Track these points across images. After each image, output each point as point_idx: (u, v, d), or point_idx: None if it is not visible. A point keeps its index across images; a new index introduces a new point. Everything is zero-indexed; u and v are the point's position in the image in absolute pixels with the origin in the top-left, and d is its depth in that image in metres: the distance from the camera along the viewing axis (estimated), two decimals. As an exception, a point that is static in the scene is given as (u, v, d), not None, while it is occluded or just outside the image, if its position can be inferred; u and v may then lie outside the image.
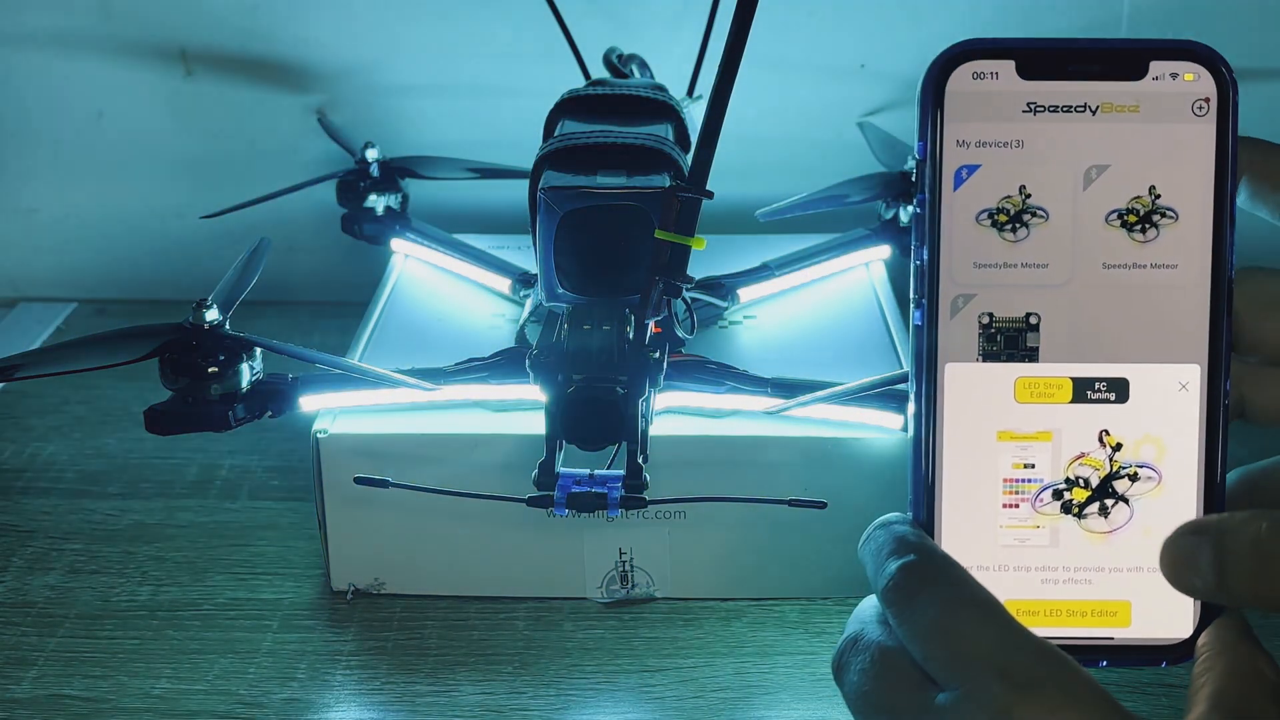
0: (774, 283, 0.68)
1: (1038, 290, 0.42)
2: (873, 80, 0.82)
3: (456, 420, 0.57)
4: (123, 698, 0.53)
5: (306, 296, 0.87)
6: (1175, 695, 0.41)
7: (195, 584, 0.60)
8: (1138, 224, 0.42)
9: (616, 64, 0.74)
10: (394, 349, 0.63)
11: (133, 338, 0.54)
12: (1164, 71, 0.41)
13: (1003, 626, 0.38)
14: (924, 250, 0.42)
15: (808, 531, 0.56)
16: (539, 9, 0.74)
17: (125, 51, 0.83)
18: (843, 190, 0.69)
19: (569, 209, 0.54)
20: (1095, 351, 0.42)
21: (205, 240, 0.83)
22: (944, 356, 0.42)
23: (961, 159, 0.42)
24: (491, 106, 0.82)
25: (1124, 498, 0.43)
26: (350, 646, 0.56)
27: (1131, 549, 0.43)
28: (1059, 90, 0.41)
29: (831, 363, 0.61)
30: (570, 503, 0.52)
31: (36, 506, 0.66)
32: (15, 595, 0.59)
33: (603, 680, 0.54)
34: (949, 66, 0.41)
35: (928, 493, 0.43)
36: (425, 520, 0.57)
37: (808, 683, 0.53)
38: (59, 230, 0.87)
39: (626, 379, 0.52)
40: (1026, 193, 0.42)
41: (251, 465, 0.68)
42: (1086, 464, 0.43)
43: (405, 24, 0.81)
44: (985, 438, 0.43)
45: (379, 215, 0.74)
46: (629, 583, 0.58)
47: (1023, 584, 0.43)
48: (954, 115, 0.41)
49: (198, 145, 0.85)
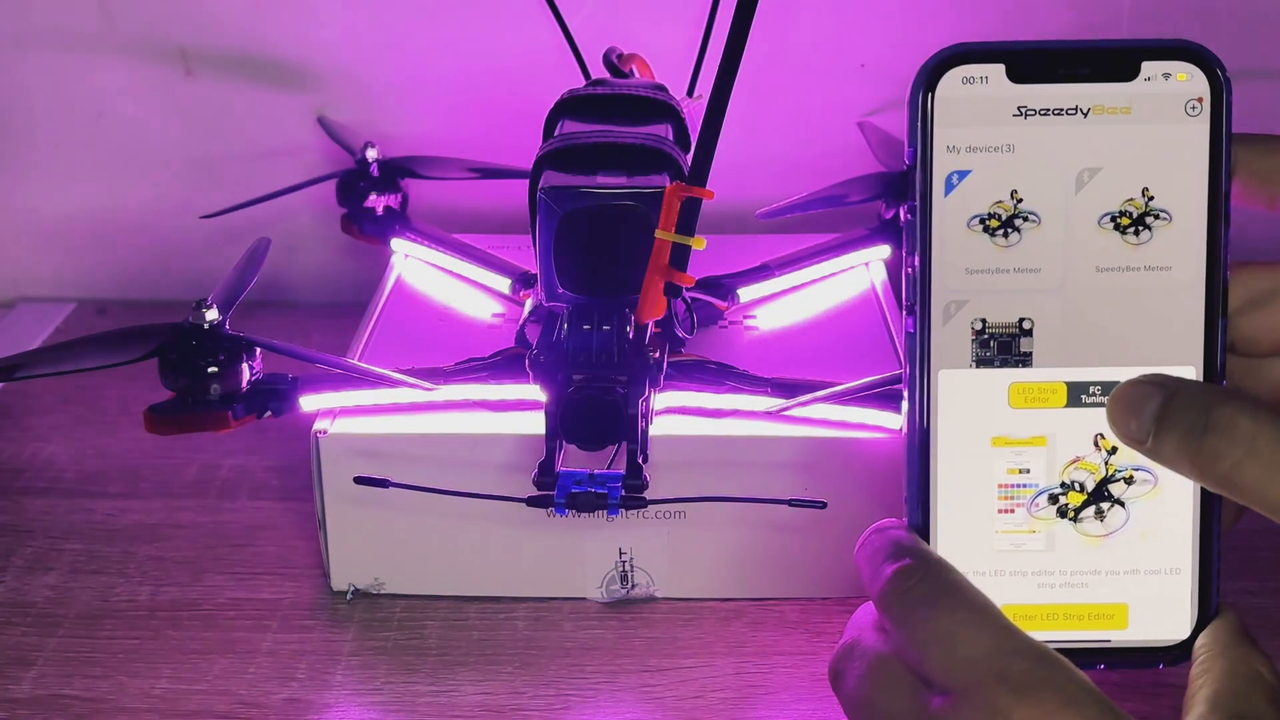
0: (774, 283, 0.68)
1: (1030, 295, 0.42)
2: (873, 80, 0.82)
3: (456, 420, 0.57)
4: (123, 698, 0.53)
5: (306, 296, 0.87)
6: (1174, 695, 0.41)
7: (195, 584, 0.60)
8: (1131, 226, 0.42)
9: (616, 64, 0.74)
10: (394, 349, 0.63)
11: (133, 338, 0.54)
12: (1156, 72, 0.41)
13: (999, 631, 0.38)
14: (915, 257, 0.42)
15: (808, 531, 0.56)
16: (539, 9, 0.74)
17: (125, 51, 0.83)
18: (843, 190, 0.69)
19: (569, 209, 0.54)
20: (1089, 355, 0.42)
21: (205, 240, 0.83)
22: (937, 363, 0.42)
23: (952, 164, 0.41)
24: (491, 106, 0.82)
25: (1120, 501, 0.43)
26: (350, 646, 0.56)
27: (1128, 552, 0.43)
28: (1049, 93, 0.41)
29: (831, 363, 0.61)
30: (570, 503, 0.52)
31: (36, 506, 0.66)
32: (15, 595, 0.59)
33: (603, 680, 0.54)
34: (938, 71, 0.41)
35: (923, 498, 0.43)
36: (425, 520, 0.57)
37: (808, 683, 0.53)
38: (59, 230, 0.87)
39: (626, 379, 0.52)
40: (1018, 197, 0.42)
41: (251, 465, 0.68)
42: (1082, 468, 0.43)
43: (405, 24, 0.81)
44: (980, 443, 0.43)
45: (379, 215, 0.74)
46: (629, 583, 0.58)
47: (1019, 588, 0.43)
48: (944, 120, 0.41)
49: (198, 145, 0.85)
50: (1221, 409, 0.38)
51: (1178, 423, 0.38)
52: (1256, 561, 0.58)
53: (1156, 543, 0.42)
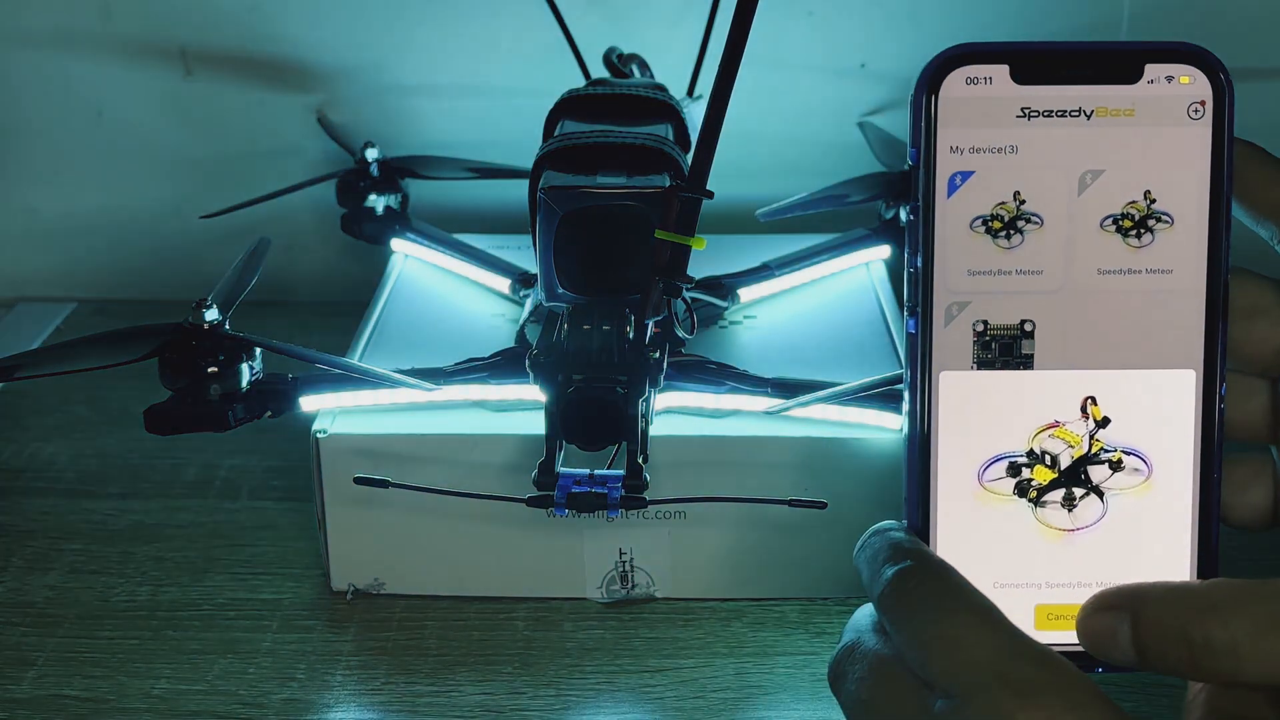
0: (774, 283, 0.68)
1: (1032, 297, 0.42)
2: (873, 80, 0.82)
3: (456, 420, 0.57)
4: (123, 698, 0.53)
5: (306, 296, 0.87)
6: (1175, 696, 0.41)
7: (195, 584, 0.60)
8: (1133, 229, 0.42)
9: (616, 64, 0.74)
10: (394, 349, 0.63)
11: (133, 338, 0.54)
12: (1159, 74, 0.41)
13: (1001, 632, 0.38)
14: (917, 258, 0.42)
15: (808, 531, 0.56)
16: (539, 9, 0.74)
17: (125, 51, 0.83)
18: (843, 190, 0.69)
19: (569, 209, 0.54)
20: (1091, 358, 0.42)
21: (205, 240, 0.83)
22: (939, 365, 0.42)
23: (955, 165, 0.41)
24: (491, 106, 0.82)
25: (1098, 490, 0.42)
26: (350, 646, 0.56)
27: (1133, 554, 0.43)
28: (1053, 95, 0.41)
29: (831, 363, 0.61)
30: (570, 503, 0.52)
31: (36, 506, 0.66)
32: (15, 595, 0.59)
33: (603, 681, 0.54)
34: (941, 72, 0.41)
35: (923, 500, 0.42)
36: (425, 520, 0.57)
37: (808, 683, 0.53)
38: (59, 230, 0.87)
39: (626, 379, 0.52)
40: (1021, 199, 0.42)
41: (251, 465, 0.68)
42: (1059, 436, 0.42)
43: (405, 24, 0.81)
44: (980, 445, 0.42)
45: (379, 215, 0.74)
46: (629, 583, 0.58)
47: (1020, 590, 0.43)
48: (947, 121, 0.41)
49: (198, 145, 0.85)
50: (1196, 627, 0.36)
51: (1162, 654, 0.37)
52: (1257, 561, 0.58)
53: (1163, 544, 0.42)
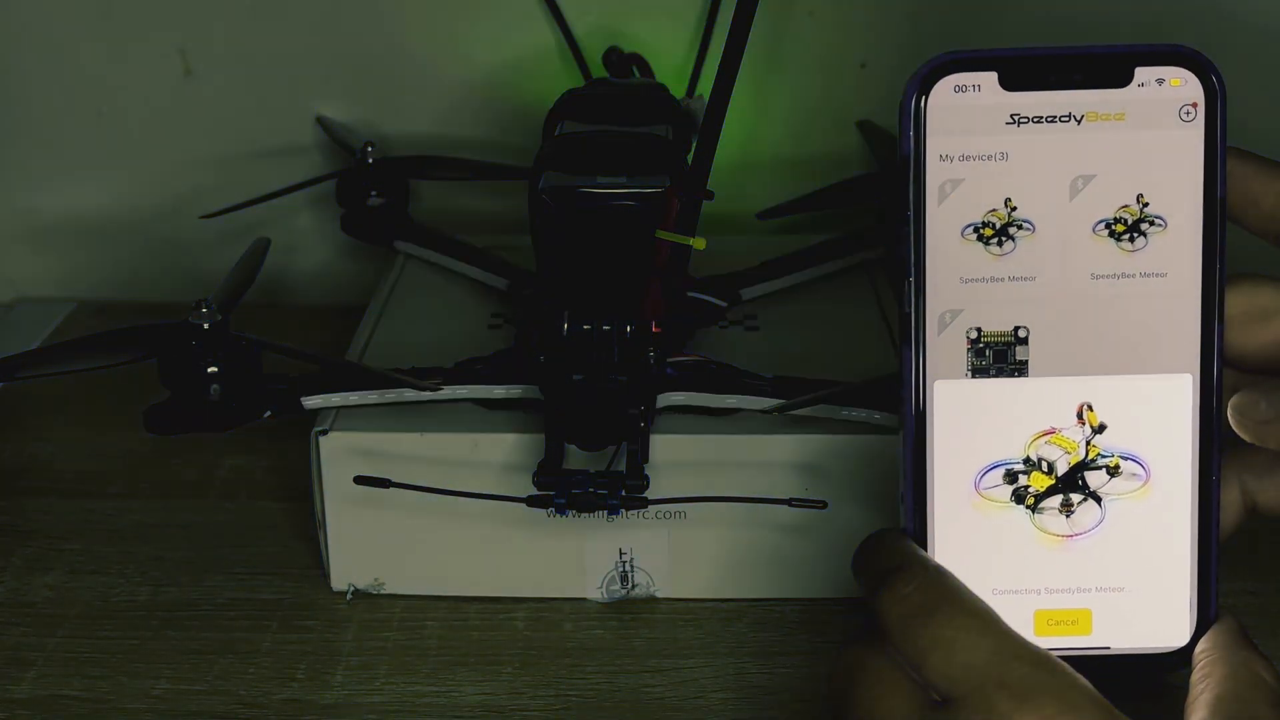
0: (774, 283, 0.68)
1: (1026, 303, 0.42)
2: (873, 80, 0.82)
3: (456, 420, 0.57)
4: (123, 698, 0.53)
5: (306, 296, 0.87)
6: (1175, 697, 0.41)
7: (195, 584, 0.60)
8: (1126, 233, 0.41)
9: (616, 64, 0.74)
10: (394, 349, 0.63)
11: (133, 338, 0.54)
12: (1150, 77, 0.41)
13: (999, 637, 0.38)
14: (910, 266, 0.42)
15: (808, 531, 0.56)
16: (539, 9, 0.74)
17: (125, 51, 0.83)
18: (843, 190, 0.69)
19: (569, 209, 0.54)
20: (1085, 363, 0.42)
21: (205, 240, 0.83)
22: (933, 373, 0.42)
23: (945, 174, 0.41)
24: (491, 106, 0.82)
25: (1095, 495, 0.42)
26: (350, 646, 0.56)
27: (1131, 559, 0.43)
28: (1043, 100, 0.41)
29: (831, 363, 0.61)
30: (570, 503, 0.52)
31: (36, 506, 0.66)
32: (15, 595, 0.59)
33: (603, 681, 0.54)
34: (929, 80, 0.41)
35: (920, 508, 0.42)
36: (425, 520, 0.57)
37: (809, 684, 0.53)
38: (59, 230, 0.87)
39: (626, 379, 0.52)
40: (1012, 205, 0.41)
41: (251, 465, 0.68)
42: (1055, 443, 0.42)
43: (405, 23, 0.81)
44: (976, 453, 0.42)
45: (379, 215, 0.74)
46: (629, 583, 0.58)
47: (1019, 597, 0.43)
48: (936, 129, 0.41)
49: (198, 145, 0.85)
50: None
51: None
52: (1257, 561, 0.58)
53: (1159, 549, 0.42)
